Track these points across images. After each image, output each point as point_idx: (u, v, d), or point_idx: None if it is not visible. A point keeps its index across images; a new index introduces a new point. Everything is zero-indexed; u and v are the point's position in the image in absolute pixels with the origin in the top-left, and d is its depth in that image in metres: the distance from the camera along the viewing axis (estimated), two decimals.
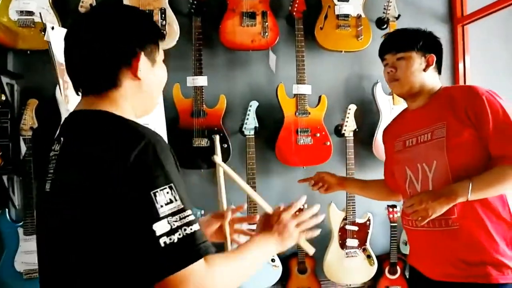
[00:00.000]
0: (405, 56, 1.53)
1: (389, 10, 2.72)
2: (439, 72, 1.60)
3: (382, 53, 1.61)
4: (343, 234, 2.66)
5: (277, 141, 2.59)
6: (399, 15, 2.72)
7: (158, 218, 0.79)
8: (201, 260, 0.81)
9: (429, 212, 1.34)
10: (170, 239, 0.78)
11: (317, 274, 2.72)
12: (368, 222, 2.70)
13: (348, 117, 2.66)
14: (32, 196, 2.29)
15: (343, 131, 2.66)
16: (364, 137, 2.76)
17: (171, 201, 0.80)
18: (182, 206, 0.81)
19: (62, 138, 0.94)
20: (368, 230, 2.70)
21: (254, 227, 1.29)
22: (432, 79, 1.56)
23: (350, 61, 2.84)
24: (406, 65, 1.53)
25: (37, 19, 2.38)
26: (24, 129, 2.35)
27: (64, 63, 1.27)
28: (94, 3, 2.41)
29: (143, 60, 0.95)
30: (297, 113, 2.61)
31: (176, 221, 0.80)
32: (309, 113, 2.63)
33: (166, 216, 0.79)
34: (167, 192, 0.81)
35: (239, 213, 1.37)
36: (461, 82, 2.89)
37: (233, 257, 0.95)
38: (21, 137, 2.36)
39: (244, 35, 2.56)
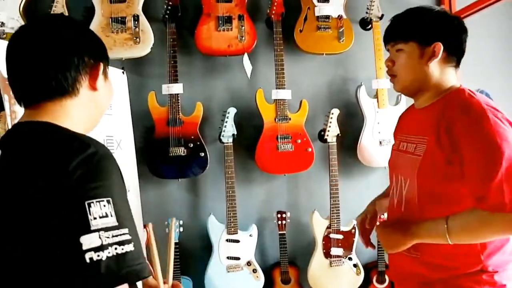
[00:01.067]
0: (403, 47, 1.30)
1: (372, 10, 2.62)
2: (456, 65, 1.32)
3: (384, 43, 1.39)
4: (327, 242, 2.58)
5: (256, 149, 2.51)
6: (382, 15, 2.62)
7: (87, 231, 0.73)
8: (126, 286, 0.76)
9: (385, 249, 1.30)
10: (98, 255, 0.73)
11: (301, 284, 2.65)
12: (353, 230, 2.61)
13: (331, 122, 2.57)
14: None
15: (325, 137, 2.58)
16: (348, 142, 2.67)
17: (106, 215, 0.75)
18: (117, 224, 0.76)
19: (8, 151, 0.88)
20: (354, 238, 2.61)
21: None
22: (440, 74, 1.29)
23: (332, 64, 2.74)
24: (404, 58, 1.30)
25: (7, 29, 2.34)
26: None
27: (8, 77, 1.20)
28: (66, 12, 2.36)
29: (101, 72, 0.97)
30: (276, 119, 2.53)
31: (108, 237, 0.74)
32: (290, 119, 2.55)
33: (98, 230, 0.74)
34: (104, 205, 0.76)
35: None
36: None
37: None
38: None
39: (221, 40, 2.49)
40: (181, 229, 2.50)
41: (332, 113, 2.57)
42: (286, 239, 2.59)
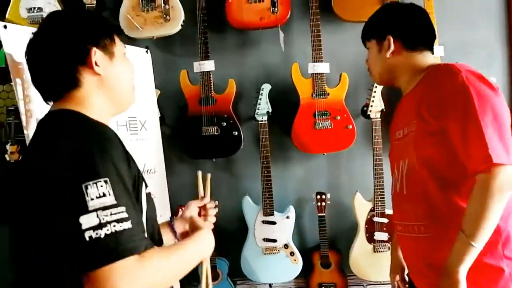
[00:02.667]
0: (369, 46, 1.47)
1: None
2: (425, 49, 1.39)
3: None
4: (371, 226, 2.40)
5: (293, 126, 2.38)
6: None
7: (86, 211, 0.78)
8: (131, 257, 0.79)
9: None
10: (97, 233, 0.77)
11: (343, 270, 2.50)
12: None
13: (374, 96, 2.36)
14: None
15: (368, 112, 2.37)
16: None
17: (104, 195, 0.80)
18: (115, 203, 0.80)
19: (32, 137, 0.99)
20: None
21: None
22: (406, 60, 1.38)
23: None
24: (369, 56, 1.47)
25: (45, 14, 2.40)
26: None
27: (22, 62, 1.36)
28: None
29: (98, 55, 0.97)
30: (314, 95, 2.37)
31: (106, 216, 0.79)
32: (328, 94, 2.37)
33: (96, 210, 0.78)
34: (101, 186, 0.80)
35: None
36: None
37: (171, 251, 0.95)
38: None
39: (252, 12, 2.35)
40: (216, 209, 2.46)
41: (376, 87, 2.35)
42: (326, 221, 2.45)
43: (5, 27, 1.44)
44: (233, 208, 2.54)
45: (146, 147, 1.99)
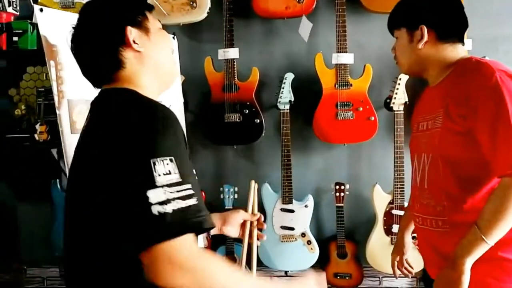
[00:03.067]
0: (397, 35, 1.41)
1: None
2: (456, 40, 1.34)
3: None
4: (389, 219, 2.40)
5: (314, 116, 2.39)
6: None
7: (154, 186, 0.80)
8: (191, 237, 0.81)
9: None
10: (164, 209, 0.79)
11: (359, 260, 2.52)
12: None
13: (397, 88, 2.34)
14: None
15: (391, 104, 2.36)
16: None
17: (169, 173, 0.82)
18: (180, 180, 0.82)
19: (89, 115, 1.03)
20: None
21: None
22: (437, 52, 1.33)
23: None
24: (399, 45, 1.41)
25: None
26: None
27: (56, 44, 1.44)
28: None
29: (134, 32, 1.00)
30: (337, 85, 2.37)
31: (172, 192, 0.81)
32: (351, 85, 2.37)
33: (163, 186, 0.80)
34: (167, 164, 0.82)
35: None
36: None
37: (242, 277, 0.92)
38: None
39: (278, 1, 2.36)
40: (236, 196, 2.50)
41: (400, 79, 2.34)
42: (344, 212, 2.46)
43: (41, 10, 1.50)
44: None
45: None
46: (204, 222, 0.84)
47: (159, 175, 0.80)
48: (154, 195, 0.79)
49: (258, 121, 2.43)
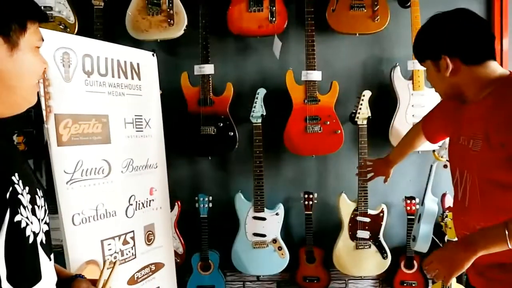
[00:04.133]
0: (424, 65, 1.39)
1: None
2: (481, 59, 1.28)
3: None
4: (354, 225, 2.58)
5: (285, 129, 2.54)
6: None
7: None
8: None
9: (448, 275, 1.22)
10: None
11: (326, 265, 2.68)
12: (381, 214, 2.58)
13: (361, 104, 2.53)
14: None
15: (356, 119, 2.54)
16: (380, 125, 2.61)
17: None
18: None
19: None
20: (381, 222, 2.59)
21: None
22: (470, 76, 1.29)
23: (367, 44, 2.67)
24: (428, 75, 1.40)
25: (55, 13, 2.52)
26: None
27: None
28: None
29: None
30: (306, 100, 2.53)
31: None
32: (319, 100, 2.54)
33: None
34: None
35: None
36: None
37: None
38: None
39: (252, 20, 2.51)
40: (210, 205, 2.62)
41: (364, 95, 2.52)
42: (312, 219, 2.62)
43: None
44: (226, 203, 2.70)
45: (149, 143, 2.14)
46: None
47: None
48: None
49: (232, 133, 2.55)
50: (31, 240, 0.85)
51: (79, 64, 1.81)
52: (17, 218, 0.81)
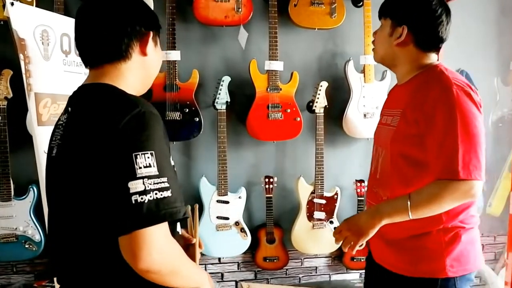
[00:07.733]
0: (383, 23, 1.43)
1: None
2: (429, 49, 1.39)
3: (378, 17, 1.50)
4: (311, 207, 2.77)
5: (248, 116, 2.66)
6: None
7: (134, 177, 0.88)
8: (165, 225, 0.90)
9: (355, 242, 1.33)
10: (142, 198, 0.87)
11: (285, 244, 2.84)
12: (335, 196, 2.80)
13: (319, 94, 2.72)
14: (8, 163, 2.38)
15: (313, 108, 2.73)
16: (335, 114, 2.82)
17: (149, 166, 0.89)
18: (158, 173, 0.90)
19: (69, 109, 1.06)
20: (335, 204, 2.80)
21: None
22: (411, 55, 1.39)
23: (324, 38, 2.87)
24: (379, 33, 1.45)
25: None
26: None
27: (25, 38, 1.36)
28: None
29: (151, 39, 1.09)
30: (268, 89, 2.67)
31: (150, 184, 0.88)
32: (281, 89, 2.69)
33: (142, 177, 0.88)
34: (148, 157, 0.89)
35: None
36: None
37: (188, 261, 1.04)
38: None
39: (218, 10, 2.58)
40: None
41: (321, 85, 2.71)
42: (273, 202, 2.77)
43: (12, 4, 1.53)
44: (189, 188, 2.76)
45: None
46: (176, 213, 0.92)
47: (140, 167, 0.88)
48: (134, 186, 0.87)
49: (197, 119, 2.62)
50: None
51: (57, 43, 1.78)
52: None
